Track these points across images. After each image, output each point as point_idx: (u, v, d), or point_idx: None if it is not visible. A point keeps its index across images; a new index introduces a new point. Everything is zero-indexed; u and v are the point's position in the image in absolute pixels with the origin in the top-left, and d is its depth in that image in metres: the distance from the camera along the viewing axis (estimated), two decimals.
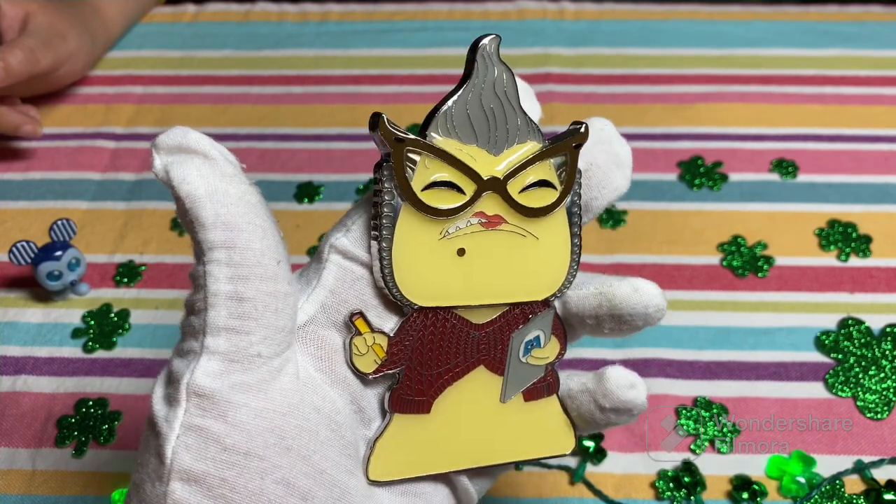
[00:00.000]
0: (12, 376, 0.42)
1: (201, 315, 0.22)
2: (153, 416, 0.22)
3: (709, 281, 0.46)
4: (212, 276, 0.22)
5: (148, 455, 0.22)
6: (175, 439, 0.21)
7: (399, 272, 0.25)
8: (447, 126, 0.24)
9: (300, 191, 0.51)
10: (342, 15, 0.64)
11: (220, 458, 0.21)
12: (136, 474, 0.23)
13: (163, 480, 0.21)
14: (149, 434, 0.22)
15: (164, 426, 0.22)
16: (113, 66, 0.60)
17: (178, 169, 0.22)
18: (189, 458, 0.21)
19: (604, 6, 0.64)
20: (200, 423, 0.21)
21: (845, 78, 0.57)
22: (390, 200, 0.24)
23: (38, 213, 0.50)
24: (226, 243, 0.22)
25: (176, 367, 0.22)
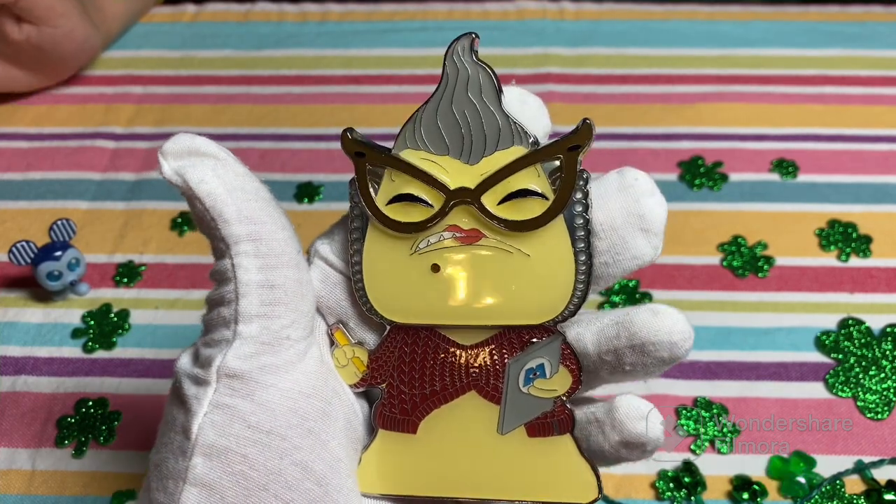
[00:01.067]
0: (12, 376, 0.42)
1: (231, 305, 0.22)
2: (183, 393, 0.23)
3: (709, 281, 0.46)
4: (241, 268, 0.22)
5: (172, 433, 0.23)
6: (202, 416, 0.22)
7: (370, 288, 0.24)
8: (415, 137, 0.23)
9: (300, 191, 0.51)
10: (342, 15, 0.64)
11: (244, 436, 0.22)
12: (157, 455, 0.23)
13: (186, 455, 0.22)
14: (175, 412, 0.23)
15: (193, 403, 0.22)
16: (112, 65, 0.60)
17: (193, 171, 0.22)
18: (213, 434, 0.22)
19: (604, 6, 0.64)
20: (229, 402, 0.22)
21: (846, 78, 0.57)
22: (359, 215, 0.24)
23: (38, 213, 0.50)
24: (251, 236, 0.23)
25: (206, 353, 0.23)
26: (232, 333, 0.22)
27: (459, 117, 0.23)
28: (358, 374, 0.25)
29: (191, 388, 0.23)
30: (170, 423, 0.23)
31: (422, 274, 0.24)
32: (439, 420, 0.25)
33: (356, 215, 0.24)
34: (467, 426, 0.25)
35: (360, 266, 0.24)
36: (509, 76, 0.27)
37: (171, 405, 0.24)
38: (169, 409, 0.24)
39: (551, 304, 0.24)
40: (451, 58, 0.23)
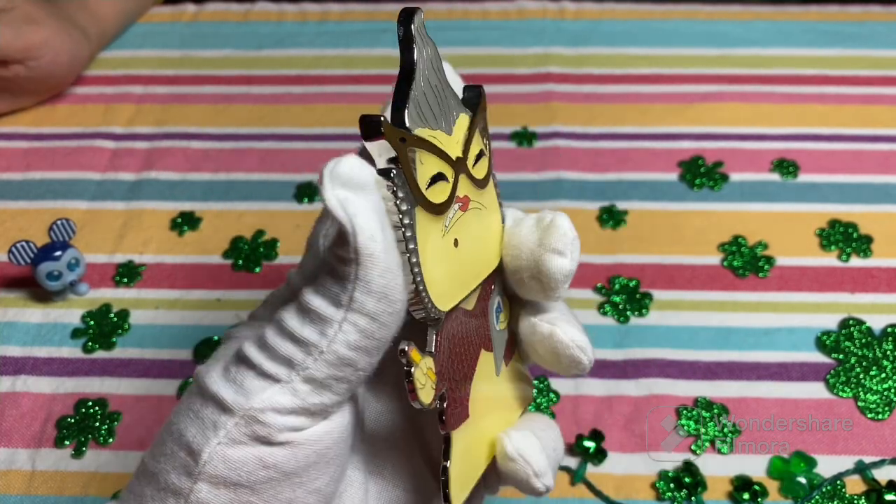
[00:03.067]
0: (12, 376, 0.42)
1: (306, 356, 0.21)
2: (199, 410, 0.21)
3: (709, 281, 0.46)
4: (344, 333, 0.21)
5: (177, 447, 0.21)
6: (215, 444, 0.21)
7: (429, 283, 0.22)
8: (417, 114, 0.22)
9: (300, 191, 0.51)
10: (342, 14, 0.64)
11: (259, 474, 0.21)
12: (156, 463, 0.22)
13: (191, 477, 0.21)
14: (186, 426, 0.21)
15: (208, 426, 0.21)
16: (112, 65, 0.60)
17: (352, 205, 0.20)
18: (223, 467, 0.21)
19: (604, 6, 0.64)
20: (247, 441, 0.21)
21: (846, 78, 0.57)
22: (406, 210, 0.21)
23: (38, 213, 0.50)
24: (384, 289, 0.21)
25: (247, 384, 0.21)
26: (288, 379, 0.21)
27: (436, 91, 0.23)
28: (433, 388, 0.23)
29: (210, 409, 0.21)
30: (176, 436, 0.22)
31: (450, 251, 0.24)
32: (473, 391, 0.25)
33: (404, 211, 0.21)
34: (485, 382, 0.26)
35: (419, 264, 0.22)
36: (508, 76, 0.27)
37: (182, 416, 0.22)
38: (178, 419, 0.22)
39: (499, 248, 0.26)
40: (418, 33, 0.23)
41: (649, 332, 0.44)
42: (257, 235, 0.49)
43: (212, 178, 0.52)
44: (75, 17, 0.56)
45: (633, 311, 0.44)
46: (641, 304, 0.44)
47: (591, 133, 0.54)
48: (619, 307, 0.44)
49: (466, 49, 0.60)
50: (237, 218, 0.50)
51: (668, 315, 0.44)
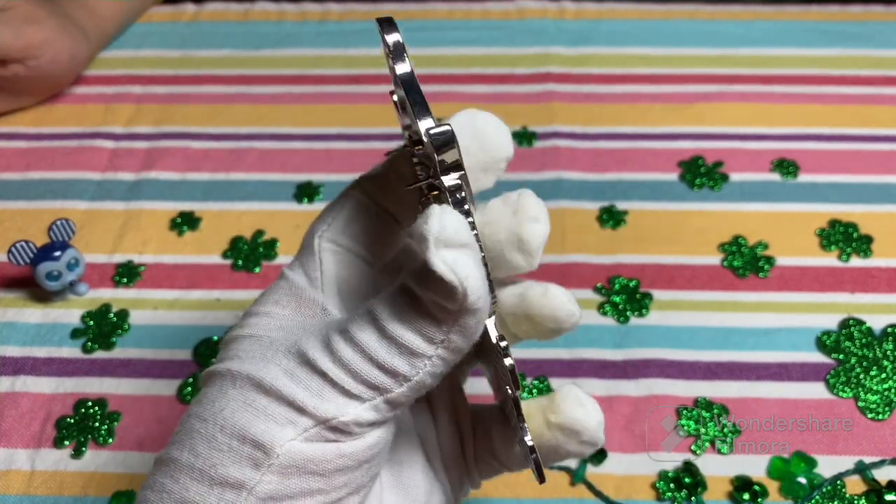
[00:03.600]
0: (11, 376, 0.42)
1: (416, 368, 0.22)
2: (269, 406, 0.22)
3: (709, 281, 0.46)
4: (432, 367, 0.22)
5: (234, 440, 0.21)
6: (293, 440, 0.21)
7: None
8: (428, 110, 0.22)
9: (300, 191, 0.51)
10: (342, 14, 0.64)
11: (334, 463, 0.22)
12: (197, 458, 0.22)
13: (258, 468, 0.21)
14: (247, 417, 0.22)
15: (284, 421, 0.22)
16: (112, 65, 0.60)
17: (462, 267, 0.20)
18: (301, 457, 0.21)
19: (604, 6, 0.64)
20: (330, 438, 0.22)
21: (846, 77, 0.57)
22: (463, 185, 0.22)
23: (37, 213, 0.50)
24: (476, 330, 0.22)
25: (336, 403, 0.22)
26: (372, 399, 0.22)
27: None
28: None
29: (283, 407, 0.22)
30: (233, 430, 0.22)
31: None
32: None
33: (464, 186, 0.22)
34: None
35: (485, 257, 0.23)
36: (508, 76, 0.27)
37: (239, 411, 0.22)
38: (231, 414, 0.22)
39: None
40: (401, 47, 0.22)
41: (649, 333, 0.43)
42: (257, 235, 0.49)
43: (211, 178, 0.52)
44: (75, 16, 0.56)
45: (633, 311, 0.44)
46: (641, 305, 0.44)
47: (591, 133, 0.54)
48: (619, 307, 0.44)
49: (467, 49, 0.60)
50: (237, 218, 0.50)
51: (668, 315, 0.44)
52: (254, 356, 0.23)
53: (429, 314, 0.21)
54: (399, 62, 0.22)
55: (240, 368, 0.23)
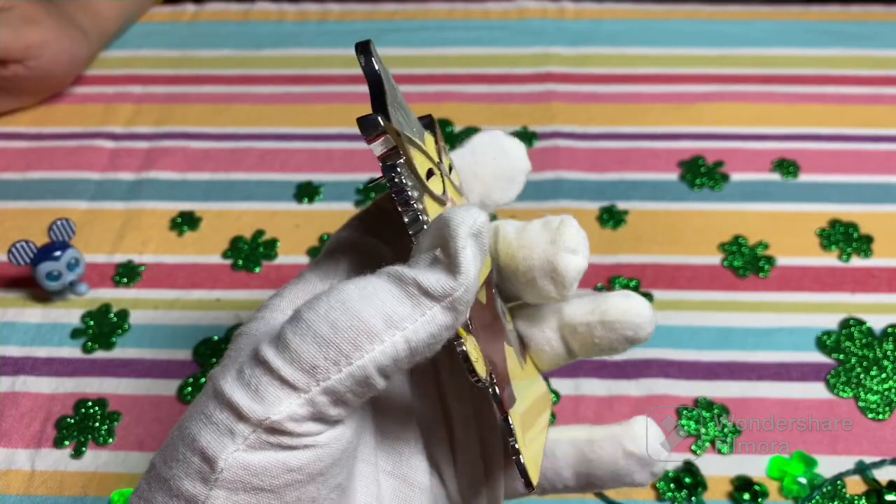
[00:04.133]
0: (11, 376, 0.42)
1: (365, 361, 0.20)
2: (213, 415, 0.21)
3: (710, 281, 0.46)
4: (380, 359, 0.21)
5: (189, 453, 0.21)
6: (233, 452, 0.20)
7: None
8: (397, 119, 0.23)
9: (300, 191, 0.51)
10: (342, 14, 0.64)
11: (282, 479, 0.20)
12: (167, 469, 0.21)
13: (207, 484, 0.20)
14: (199, 430, 0.21)
15: (224, 433, 0.20)
16: (112, 65, 0.60)
17: (475, 264, 0.21)
18: (244, 473, 0.20)
19: (604, 5, 0.64)
20: (269, 448, 0.20)
21: (847, 77, 0.57)
22: (420, 196, 0.22)
23: (37, 213, 0.50)
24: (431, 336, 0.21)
25: (265, 390, 0.20)
26: (312, 388, 0.20)
27: (402, 106, 0.25)
28: (485, 364, 0.23)
29: (225, 414, 0.20)
30: (188, 441, 0.21)
31: None
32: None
33: (416, 198, 0.22)
34: (516, 374, 0.26)
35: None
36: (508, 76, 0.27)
37: (195, 420, 0.21)
38: (190, 423, 0.21)
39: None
40: (377, 60, 0.24)
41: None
42: (257, 235, 0.49)
43: (211, 178, 0.52)
44: (75, 16, 0.56)
45: None
46: None
47: (591, 133, 0.54)
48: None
49: (467, 49, 0.60)
50: (237, 218, 0.50)
51: (668, 315, 0.44)
52: (233, 358, 0.23)
53: (404, 292, 0.21)
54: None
55: (214, 371, 0.22)
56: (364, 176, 0.52)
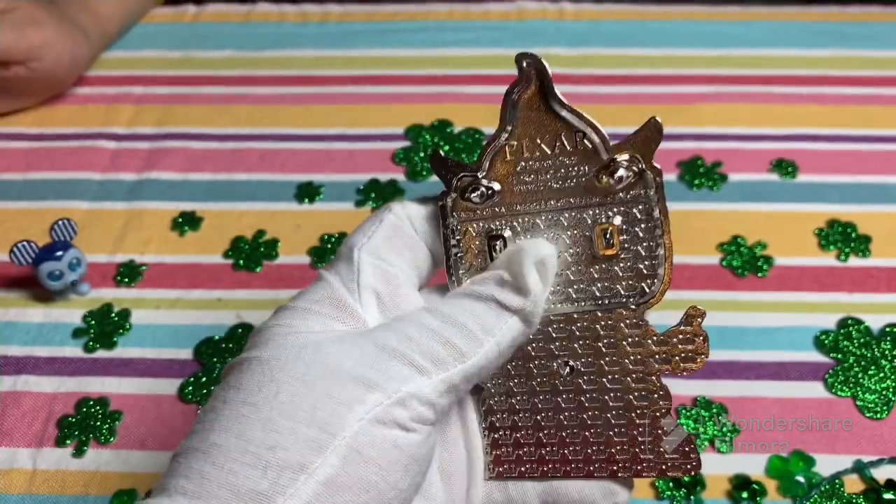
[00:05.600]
0: (13, 376, 0.43)
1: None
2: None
3: (708, 281, 0.46)
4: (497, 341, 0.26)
5: (293, 423, 0.22)
6: (357, 420, 0.22)
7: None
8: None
9: (300, 191, 0.51)
10: (342, 15, 0.64)
11: (392, 455, 0.23)
12: (252, 445, 0.22)
13: (322, 450, 0.22)
14: (314, 398, 0.23)
15: (347, 405, 0.23)
16: (113, 66, 0.60)
17: (541, 282, 0.27)
18: (362, 444, 0.22)
19: (603, 6, 0.64)
20: (387, 423, 0.23)
21: (845, 78, 0.57)
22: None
23: (39, 214, 0.50)
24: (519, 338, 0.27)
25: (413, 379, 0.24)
26: (434, 376, 0.24)
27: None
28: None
29: (350, 388, 0.23)
30: (294, 413, 0.22)
31: None
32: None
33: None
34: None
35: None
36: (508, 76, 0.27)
37: (303, 394, 0.22)
38: (291, 392, 0.22)
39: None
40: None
41: None
42: (258, 235, 0.49)
43: (212, 178, 0.53)
44: (77, 17, 0.57)
45: None
46: None
47: None
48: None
49: (467, 50, 0.60)
50: (238, 218, 0.50)
51: (667, 315, 0.44)
52: (293, 346, 0.24)
53: (488, 306, 0.25)
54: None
55: (281, 355, 0.23)
56: (364, 176, 0.52)
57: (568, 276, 0.28)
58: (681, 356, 0.28)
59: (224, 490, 0.21)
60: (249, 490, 0.21)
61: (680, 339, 0.28)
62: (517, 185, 0.28)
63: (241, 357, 0.24)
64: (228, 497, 0.21)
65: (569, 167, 0.28)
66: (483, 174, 0.27)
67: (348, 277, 0.26)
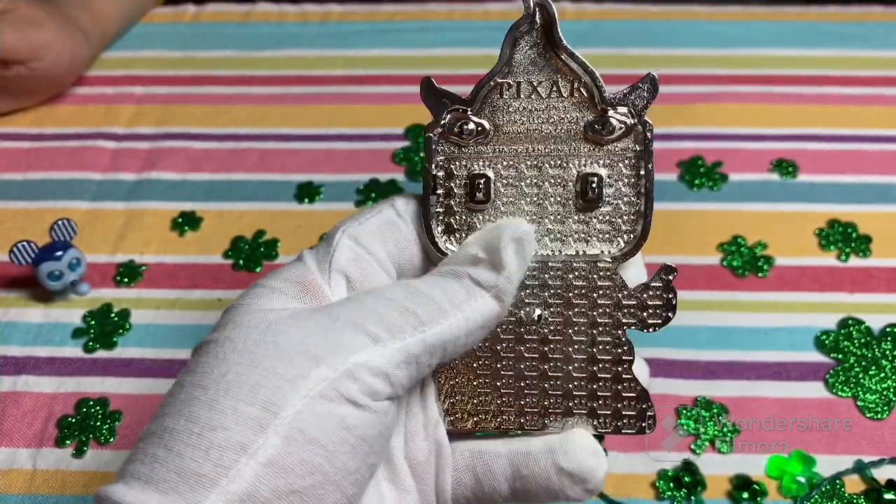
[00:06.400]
0: (13, 376, 0.43)
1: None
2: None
3: (709, 281, 0.46)
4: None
5: (238, 402, 0.22)
6: (303, 398, 0.22)
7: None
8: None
9: (300, 191, 0.51)
10: (342, 15, 0.64)
11: (338, 435, 0.22)
12: (195, 421, 0.22)
13: (263, 430, 0.21)
14: (260, 376, 0.22)
15: (291, 380, 0.22)
16: (113, 66, 0.60)
17: (508, 253, 0.26)
18: (306, 422, 0.22)
19: (603, 6, 0.64)
20: (337, 399, 0.22)
21: (845, 78, 0.57)
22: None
23: (39, 214, 0.50)
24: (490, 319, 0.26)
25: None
26: (389, 344, 0.23)
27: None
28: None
29: (296, 362, 0.22)
30: (234, 391, 0.22)
31: None
32: None
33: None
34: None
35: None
36: None
37: (249, 371, 0.22)
38: (238, 371, 0.22)
39: None
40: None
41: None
42: (258, 235, 0.49)
43: (212, 179, 0.53)
44: (77, 17, 0.57)
45: None
46: None
47: None
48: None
49: (467, 50, 0.60)
50: (238, 218, 0.50)
51: None
52: (248, 325, 0.23)
53: (459, 282, 0.25)
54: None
55: (237, 337, 0.23)
56: (364, 176, 0.52)
57: (547, 224, 0.28)
58: (649, 312, 0.28)
59: (172, 473, 0.21)
60: (193, 472, 0.21)
61: (650, 295, 0.28)
62: (507, 125, 0.27)
63: (203, 339, 0.24)
64: (176, 480, 0.21)
65: (562, 113, 0.27)
66: (473, 110, 0.27)
67: (323, 257, 0.26)
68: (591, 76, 0.27)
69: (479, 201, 0.27)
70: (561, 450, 0.27)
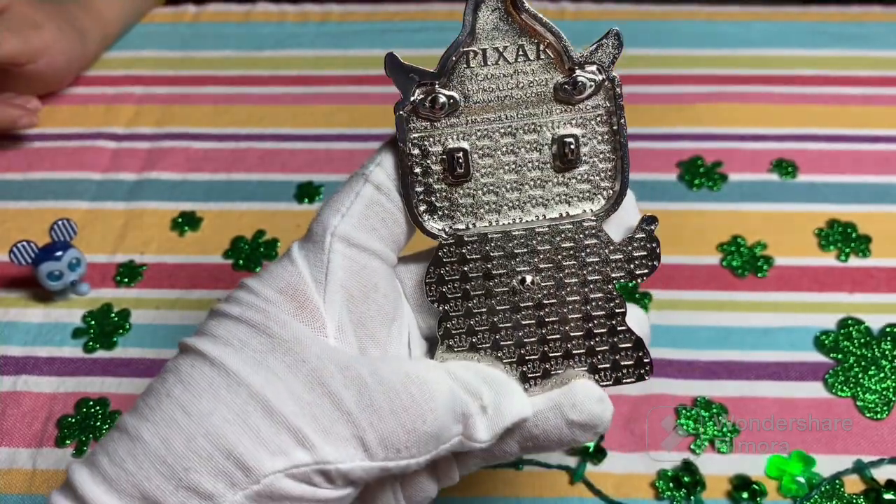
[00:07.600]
0: (13, 376, 0.43)
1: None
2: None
3: (708, 281, 0.46)
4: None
5: (215, 451, 0.22)
6: (274, 472, 0.22)
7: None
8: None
9: (300, 191, 0.51)
10: (342, 15, 0.64)
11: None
12: (178, 457, 0.22)
13: (234, 488, 0.22)
14: (242, 433, 0.22)
15: (272, 453, 0.22)
16: (113, 66, 0.60)
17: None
18: (278, 496, 0.22)
19: (603, 6, 0.64)
20: (309, 481, 0.23)
21: (845, 78, 0.57)
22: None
23: (39, 214, 0.50)
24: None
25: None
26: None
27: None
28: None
29: (283, 437, 0.23)
30: (214, 437, 0.22)
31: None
32: None
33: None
34: None
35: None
36: None
37: (231, 423, 0.22)
38: (223, 416, 0.22)
39: None
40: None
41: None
42: (258, 235, 0.49)
43: (212, 179, 0.53)
44: (77, 18, 0.57)
45: None
46: (640, 304, 0.45)
47: None
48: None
49: None
50: (238, 218, 0.50)
51: (666, 314, 0.45)
52: (248, 351, 0.23)
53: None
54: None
55: (237, 369, 0.23)
56: None
57: (527, 190, 0.28)
58: (636, 263, 0.28)
59: (136, 490, 0.21)
60: (156, 503, 0.21)
61: (635, 247, 0.28)
62: (477, 94, 0.27)
63: (199, 343, 0.24)
64: (138, 500, 0.21)
65: (530, 76, 0.27)
66: (441, 83, 0.27)
67: (317, 266, 0.25)
68: (556, 36, 0.27)
69: (459, 175, 0.27)
70: (568, 403, 0.27)
